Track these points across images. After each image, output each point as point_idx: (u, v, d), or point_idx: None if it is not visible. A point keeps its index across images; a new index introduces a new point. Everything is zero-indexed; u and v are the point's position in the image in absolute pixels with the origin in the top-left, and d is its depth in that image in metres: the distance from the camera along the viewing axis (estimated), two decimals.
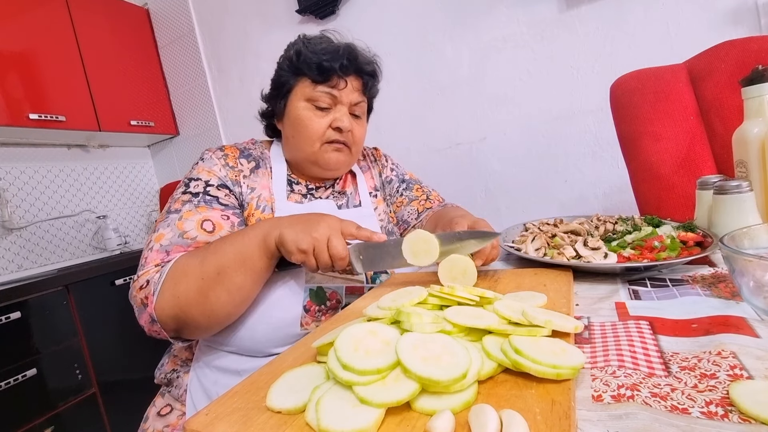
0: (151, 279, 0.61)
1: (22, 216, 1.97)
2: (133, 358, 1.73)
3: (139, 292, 0.61)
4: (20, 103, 1.76)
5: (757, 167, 0.65)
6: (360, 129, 0.82)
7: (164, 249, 0.64)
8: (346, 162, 0.82)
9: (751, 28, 1.21)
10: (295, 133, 0.78)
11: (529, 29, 1.55)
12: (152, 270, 0.62)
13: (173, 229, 0.66)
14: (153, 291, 0.60)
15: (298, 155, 0.80)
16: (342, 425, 0.28)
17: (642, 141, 1.00)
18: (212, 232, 0.68)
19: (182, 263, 0.61)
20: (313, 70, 0.75)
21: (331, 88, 0.76)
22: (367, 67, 0.80)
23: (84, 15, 2.06)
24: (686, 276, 0.53)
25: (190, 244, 0.65)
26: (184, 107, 2.47)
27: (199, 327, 0.61)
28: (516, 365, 0.32)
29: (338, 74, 0.75)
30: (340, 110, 0.77)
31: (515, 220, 1.65)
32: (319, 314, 0.69)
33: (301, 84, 0.77)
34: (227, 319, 0.63)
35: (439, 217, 0.82)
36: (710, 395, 0.29)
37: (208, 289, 0.59)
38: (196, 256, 0.61)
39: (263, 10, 2.10)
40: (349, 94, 0.78)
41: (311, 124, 0.76)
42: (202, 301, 0.59)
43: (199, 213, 0.69)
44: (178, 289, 0.59)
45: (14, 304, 1.39)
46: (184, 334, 0.63)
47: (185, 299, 0.59)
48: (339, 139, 0.78)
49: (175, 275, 0.60)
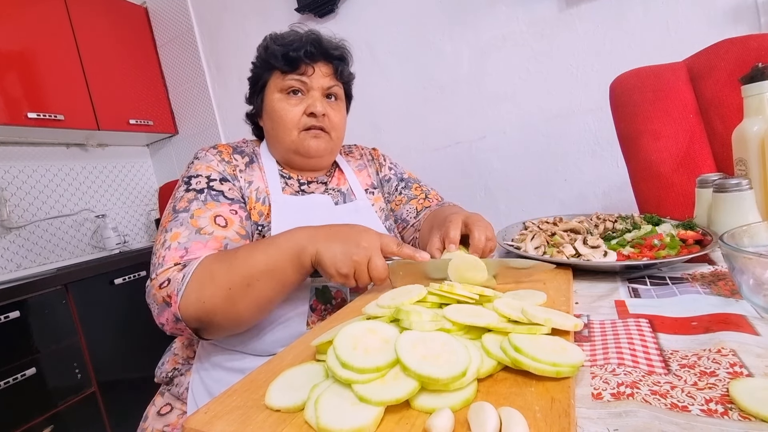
0: (172, 278, 0.59)
1: (21, 215, 1.97)
2: (132, 357, 1.73)
3: (159, 290, 0.59)
4: (19, 102, 1.75)
5: (757, 165, 0.65)
6: (337, 114, 0.83)
7: (183, 246, 0.63)
8: (327, 149, 0.82)
9: (750, 26, 1.21)
10: (273, 125, 0.80)
11: (529, 28, 1.54)
12: (172, 268, 0.61)
13: (188, 227, 0.65)
14: (176, 290, 0.58)
15: (280, 147, 0.81)
16: (341, 423, 0.28)
17: (642, 139, 1.00)
18: (225, 227, 0.67)
19: (208, 267, 0.59)
20: (280, 60, 0.77)
21: (300, 75, 0.78)
22: (334, 51, 0.81)
23: (82, 13, 2.06)
24: (686, 274, 0.53)
25: (208, 240, 0.64)
26: (183, 106, 2.47)
27: (221, 329, 0.61)
28: (515, 363, 0.32)
29: (305, 61, 0.77)
30: (313, 95, 0.79)
31: (515, 218, 1.65)
32: (325, 313, 0.69)
33: (274, 77, 0.80)
34: (251, 324, 0.63)
35: (435, 215, 0.82)
36: (710, 393, 0.29)
37: (236, 299, 0.58)
38: (224, 261, 0.59)
39: (262, 9, 2.10)
40: (319, 79, 0.79)
41: (286, 113, 0.78)
42: (229, 308, 0.58)
43: (209, 209, 0.68)
44: (204, 294, 0.57)
45: (13, 304, 1.39)
46: (203, 334, 0.63)
47: (211, 305, 0.57)
48: (315, 124, 0.79)
49: (201, 278, 0.58)
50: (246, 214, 0.73)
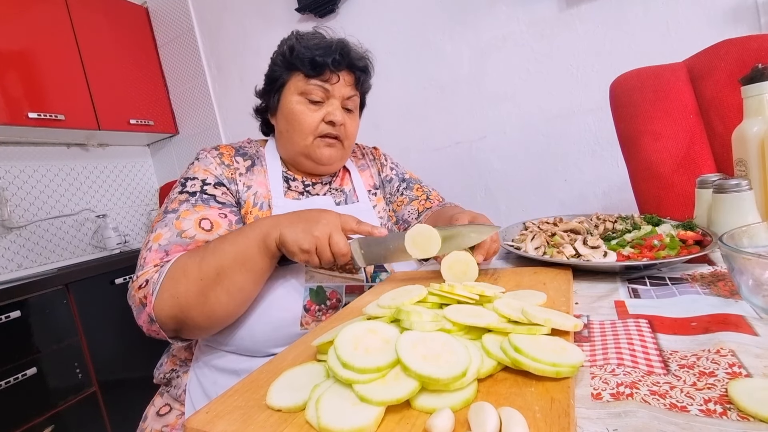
0: (150, 279, 0.61)
1: (22, 215, 1.97)
2: (133, 357, 1.73)
3: (137, 291, 0.61)
4: (19, 102, 1.76)
5: (757, 166, 0.65)
6: (352, 123, 0.83)
7: (163, 249, 0.64)
8: (338, 157, 0.82)
9: (750, 27, 1.21)
10: (288, 127, 0.79)
11: (529, 28, 1.54)
12: (151, 270, 0.62)
13: (171, 228, 0.66)
14: (152, 291, 0.59)
15: (291, 149, 0.81)
16: (342, 423, 0.28)
17: (642, 140, 1.00)
18: (210, 231, 0.68)
19: (181, 263, 0.61)
20: (306, 64, 0.76)
21: (324, 82, 0.77)
22: (359, 62, 0.81)
23: (83, 14, 2.06)
24: (685, 274, 0.54)
25: (189, 243, 0.65)
26: (184, 106, 2.47)
27: (198, 327, 0.61)
28: (515, 363, 0.32)
29: (330, 69, 0.76)
30: (333, 104, 0.78)
31: (515, 218, 1.65)
32: (319, 314, 0.69)
33: (295, 78, 0.79)
34: (227, 319, 0.63)
35: (438, 215, 0.82)
36: (709, 393, 0.29)
37: (207, 290, 0.59)
38: (195, 256, 0.61)
39: (262, 9, 2.10)
40: (342, 88, 0.79)
41: (304, 117, 0.77)
42: (202, 302, 0.59)
43: (196, 212, 0.68)
44: (178, 290, 0.58)
45: (14, 303, 1.39)
46: (183, 334, 0.63)
47: (185, 300, 0.58)
48: (332, 132, 0.79)
49: (174, 275, 0.59)
50: (237, 218, 0.73)
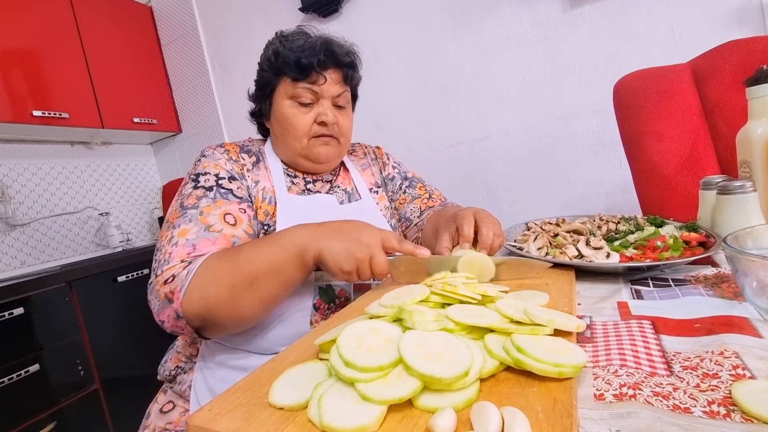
0: (177, 274, 0.59)
1: (25, 213, 1.98)
2: (135, 355, 1.73)
3: (163, 286, 0.59)
4: (24, 100, 1.76)
5: (761, 167, 0.65)
6: (345, 120, 0.83)
7: (191, 243, 0.63)
8: (335, 154, 0.83)
9: (755, 28, 1.21)
10: (282, 131, 0.80)
11: (533, 28, 1.54)
12: (178, 265, 0.61)
13: (197, 223, 0.65)
14: (180, 287, 0.58)
15: (288, 152, 0.82)
16: (344, 422, 0.28)
17: (645, 141, 0.99)
18: (235, 225, 0.68)
19: (213, 266, 0.59)
20: (292, 68, 0.76)
21: (311, 84, 0.77)
22: (345, 58, 0.81)
23: (87, 12, 2.07)
24: (689, 276, 0.53)
25: (217, 237, 0.65)
26: (187, 105, 2.48)
27: (224, 327, 0.61)
28: (518, 363, 0.32)
29: (316, 70, 0.76)
30: (323, 104, 0.79)
31: (517, 219, 1.64)
32: (328, 312, 0.69)
33: (283, 83, 0.79)
34: (254, 322, 0.63)
35: (439, 215, 0.82)
36: (712, 395, 0.29)
37: (239, 297, 0.58)
38: (227, 260, 0.59)
39: (266, 8, 2.10)
40: (330, 87, 0.79)
41: (296, 121, 0.78)
42: (233, 306, 0.58)
43: (218, 207, 0.68)
44: (208, 291, 0.57)
45: (17, 300, 1.40)
46: (205, 332, 0.63)
47: (215, 303, 0.57)
48: (325, 132, 0.79)
49: (205, 276, 0.58)
50: (253, 214, 0.73)
